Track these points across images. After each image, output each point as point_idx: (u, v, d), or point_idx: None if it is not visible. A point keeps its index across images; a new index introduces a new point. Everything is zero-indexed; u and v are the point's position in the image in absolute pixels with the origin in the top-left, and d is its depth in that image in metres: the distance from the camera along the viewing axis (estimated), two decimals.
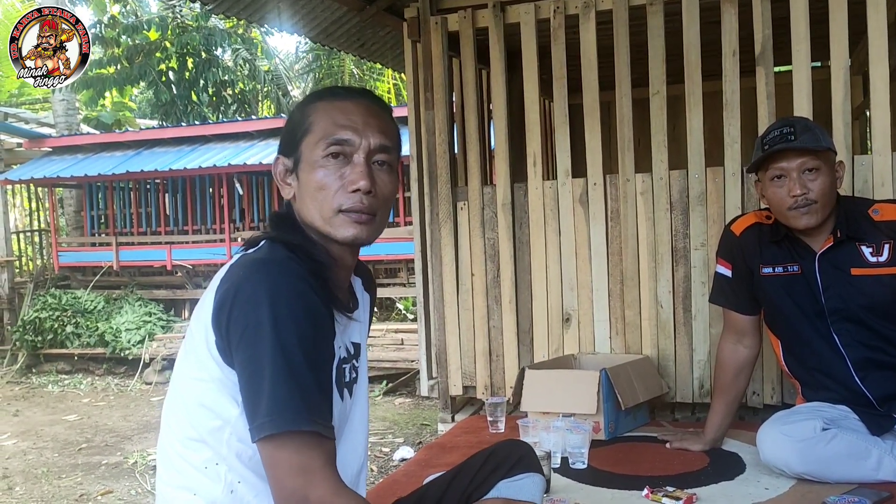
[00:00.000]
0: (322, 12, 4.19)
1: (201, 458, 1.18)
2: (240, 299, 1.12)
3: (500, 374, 3.43)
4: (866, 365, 2.23)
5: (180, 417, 1.20)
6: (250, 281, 1.13)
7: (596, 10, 3.24)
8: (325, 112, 1.26)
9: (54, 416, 6.00)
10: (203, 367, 1.16)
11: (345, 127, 1.24)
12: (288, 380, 1.07)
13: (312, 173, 1.24)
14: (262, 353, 1.08)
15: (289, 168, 1.28)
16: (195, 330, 1.19)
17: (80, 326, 7.85)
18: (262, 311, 1.09)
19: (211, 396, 1.16)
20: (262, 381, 1.08)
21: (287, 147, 1.29)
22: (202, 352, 1.16)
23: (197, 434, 1.17)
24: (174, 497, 1.21)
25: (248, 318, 1.10)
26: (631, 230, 3.21)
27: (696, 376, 3.13)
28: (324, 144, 1.23)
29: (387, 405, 5.82)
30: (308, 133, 1.25)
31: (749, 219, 2.45)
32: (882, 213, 2.26)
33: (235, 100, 14.29)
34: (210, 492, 1.18)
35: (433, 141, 3.48)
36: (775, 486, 2.17)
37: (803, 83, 2.94)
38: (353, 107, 1.26)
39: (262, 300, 1.10)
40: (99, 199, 9.38)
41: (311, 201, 1.24)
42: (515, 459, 1.47)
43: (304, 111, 1.28)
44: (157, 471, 1.27)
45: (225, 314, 1.12)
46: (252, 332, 1.10)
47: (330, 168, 1.23)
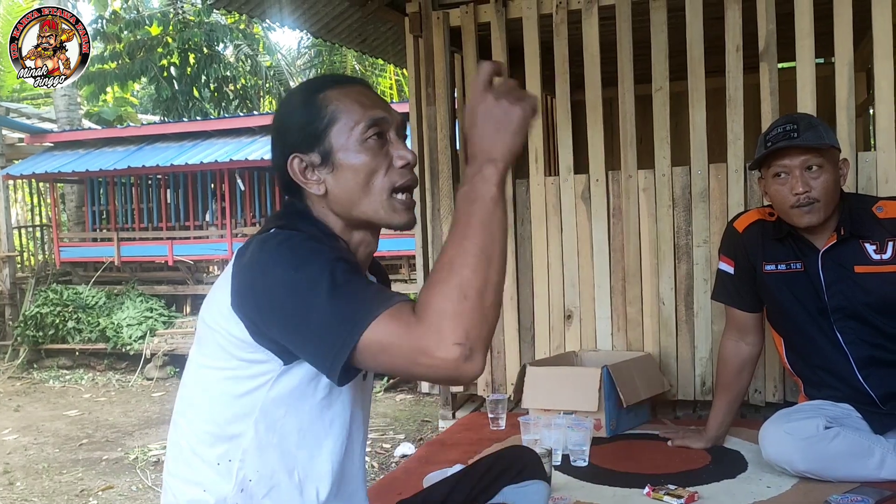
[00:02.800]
0: (323, 7, 4.18)
1: (215, 453, 1.16)
2: (258, 272, 1.08)
3: (502, 370, 3.42)
4: (870, 363, 2.22)
5: (198, 410, 1.19)
6: (266, 253, 1.09)
7: (599, 6, 3.22)
8: (345, 97, 1.22)
9: (55, 411, 6.00)
10: (227, 355, 1.14)
11: (374, 107, 1.22)
12: (340, 292, 1.03)
13: (358, 158, 1.19)
14: (301, 296, 1.04)
15: (313, 164, 1.21)
16: (212, 321, 1.16)
17: (81, 322, 7.85)
18: (285, 269, 1.06)
19: (234, 386, 1.14)
20: (318, 312, 1.03)
21: (305, 143, 1.21)
22: (225, 340, 1.13)
23: (216, 428, 1.16)
24: (182, 491, 1.20)
25: (275, 280, 1.06)
26: (633, 227, 3.20)
27: (698, 374, 3.12)
28: (363, 127, 1.20)
29: (388, 401, 5.82)
30: (335, 122, 1.20)
31: (752, 216, 2.43)
32: (886, 211, 2.24)
33: (237, 95, 14.28)
34: (220, 489, 1.16)
35: (435, 137, 3.47)
36: (777, 484, 2.16)
37: (807, 79, 2.92)
38: (363, 89, 1.25)
39: (282, 260, 1.07)
40: (100, 195, 9.37)
41: (362, 189, 1.20)
42: (522, 466, 1.47)
43: (314, 103, 1.22)
44: (166, 464, 1.25)
45: (249, 292, 1.09)
46: (282, 291, 1.05)
47: (374, 150, 1.20)
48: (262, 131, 8.70)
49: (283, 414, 1.16)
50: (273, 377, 1.14)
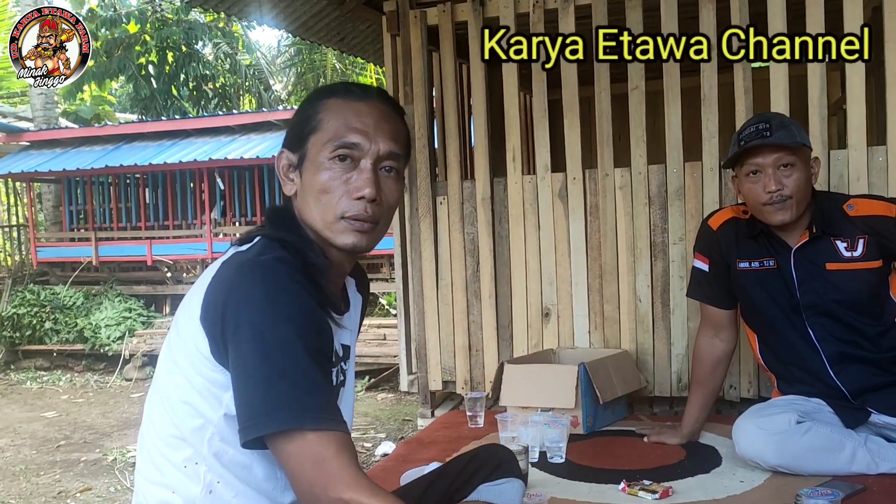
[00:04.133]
0: (302, 6, 4.17)
1: (181, 456, 1.16)
2: (233, 299, 1.09)
3: (480, 368, 3.43)
4: (841, 359, 2.25)
5: (162, 414, 1.18)
6: (244, 281, 1.10)
7: (575, 5, 3.24)
8: (338, 110, 1.21)
9: (32, 412, 5.94)
10: (190, 364, 1.14)
11: (356, 130, 1.20)
12: (293, 375, 1.05)
13: (317, 174, 1.20)
14: (259, 350, 1.05)
15: (293, 164, 1.24)
16: (183, 327, 1.17)
17: (58, 322, 7.78)
18: (258, 310, 1.07)
19: (195, 395, 1.14)
20: (263, 377, 1.05)
21: (293, 141, 1.24)
22: (190, 350, 1.14)
23: (178, 432, 1.16)
24: (152, 493, 1.20)
25: (242, 317, 1.07)
26: (610, 225, 3.22)
27: (674, 370, 3.15)
28: (331, 146, 1.19)
29: (369, 400, 5.82)
30: (317, 130, 1.21)
31: (726, 213, 2.46)
32: (857, 209, 2.27)
33: (216, 94, 14.21)
34: (188, 491, 1.16)
35: (413, 135, 3.47)
36: (750, 478, 2.19)
37: (780, 79, 2.95)
38: (366, 108, 1.22)
39: (256, 300, 1.08)
40: (78, 194, 9.29)
41: (314, 203, 1.20)
42: (497, 464, 1.47)
43: (315, 106, 1.23)
44: (137, 466, 1.25)
45: (218, 314, 1.10)
46: (248, 331, 1.07)
47: (336, 171, 1.19)
48: (241, 130, 8.67)
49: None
50: (231, 395, 1.12)
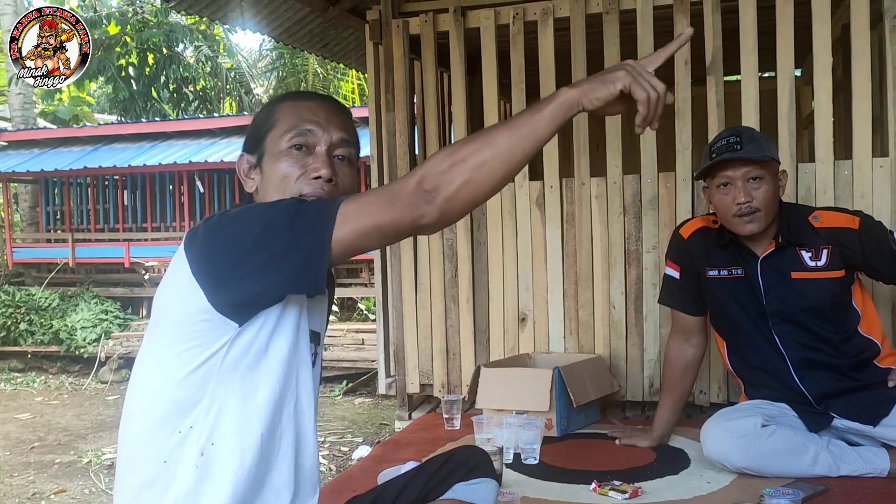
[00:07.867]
0: (285, 12, 4.21)
1: (171, 426, 1.19)
2: (222, 228, 1.17)
3: (457, 372, 3.48)
4: (805, 364, 2.32)
5: (153, 389, 1.21)
6: (218, 216, 1.20)
7: (554, 17, 3.31)
8: (291, 109, 1.33)
9: (6, 414, 5.90)
10: (183, 332, 1.18)
11: (309, 120, 1.31)
12: (298, 215, 1.14)
13: (276, 164, 1.30)
14: (253, 217, 1.16)
15: (252, 164, 1.34)
16: (164, 302, 1.23)
17: (33, 324, 7.72)
18: (255, 211, 1.18)
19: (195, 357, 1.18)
20: (301, 214, 1.14)
21: (251, 144, 1.36)
22: (181, 316, 1.19)
23: (172, 402, 1.19)
24: (138, 471, 1.21)
25: (244, 222, 1.16)
26: (585, 233, 3.29)
27: (646, 375, 3.22)
28: (288, 136, 1.30)
29: (346, 405, 5.84)
30: (273, 128, 1.32)
31: (697, 223, 2.53)
32: (822, 220, 2.35)
33: (197, 97, 14.16)
34: (182, 455, 1.18)
35: (394, 142, 3.52)
36: (717, 479, 2.25)
37: (751, 93, 3.04)
38: (316, 105, 1.34)
39: (249, 210, 1.18)
40: (55, 195, 9.23)
41: (274, 191, 1.29)
42: (473, 465, 1.51)
43: (269, 110, 1.35)
44: (119, 452, 1.26)
45: (209, 249, 1.16)
46: (235, 222, 1.17)
47: (293, 158, 1.29)
48: (221, 133, 8.66)
49: (239, 377, 1.20)
50: (229, 341, 1.18)
